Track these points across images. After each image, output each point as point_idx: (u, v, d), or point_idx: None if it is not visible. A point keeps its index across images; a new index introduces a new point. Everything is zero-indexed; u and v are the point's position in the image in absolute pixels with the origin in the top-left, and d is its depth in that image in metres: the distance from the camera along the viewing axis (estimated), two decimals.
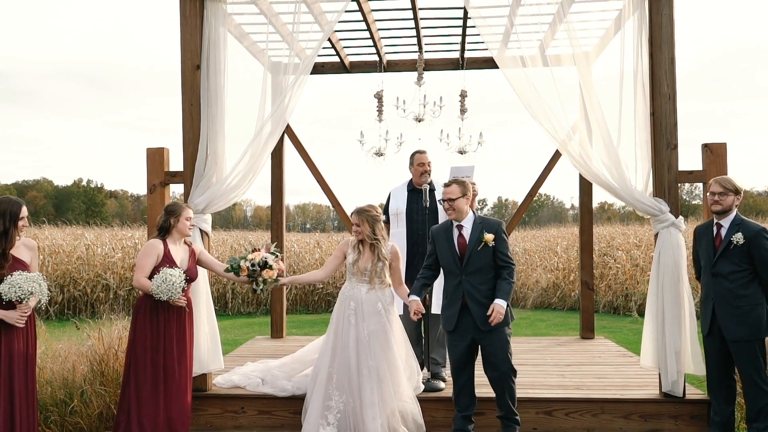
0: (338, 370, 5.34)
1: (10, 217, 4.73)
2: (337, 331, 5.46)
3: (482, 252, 5.11)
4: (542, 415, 5.71)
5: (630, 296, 15.14)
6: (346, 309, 5.45)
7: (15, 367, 4.73)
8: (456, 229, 5.24)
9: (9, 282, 4.64)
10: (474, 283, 5.12)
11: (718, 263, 5.05)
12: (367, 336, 5.35)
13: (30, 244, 4.98)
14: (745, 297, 4.96)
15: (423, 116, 8.41)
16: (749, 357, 4.95)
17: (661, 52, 5.72)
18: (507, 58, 6.03)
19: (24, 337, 4.81)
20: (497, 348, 5.10)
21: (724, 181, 5.09)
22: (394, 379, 5.38)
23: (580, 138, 6.00)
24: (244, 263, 5.37)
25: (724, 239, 5.04)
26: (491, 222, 5.23)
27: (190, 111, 5.96)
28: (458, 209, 5.21)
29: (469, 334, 5.15)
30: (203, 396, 5.92)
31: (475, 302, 5.10)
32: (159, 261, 5.18)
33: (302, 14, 6.17)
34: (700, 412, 5.59)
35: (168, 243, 5.28)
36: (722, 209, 5.08)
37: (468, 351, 5.22)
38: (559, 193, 79.04)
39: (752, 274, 4.99)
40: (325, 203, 73.71)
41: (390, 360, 5.39)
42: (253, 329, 12.68)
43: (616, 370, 6.91)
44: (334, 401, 5.29)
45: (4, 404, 4.68)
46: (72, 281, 15.85)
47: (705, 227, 5.25)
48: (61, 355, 6.29)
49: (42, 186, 69.95)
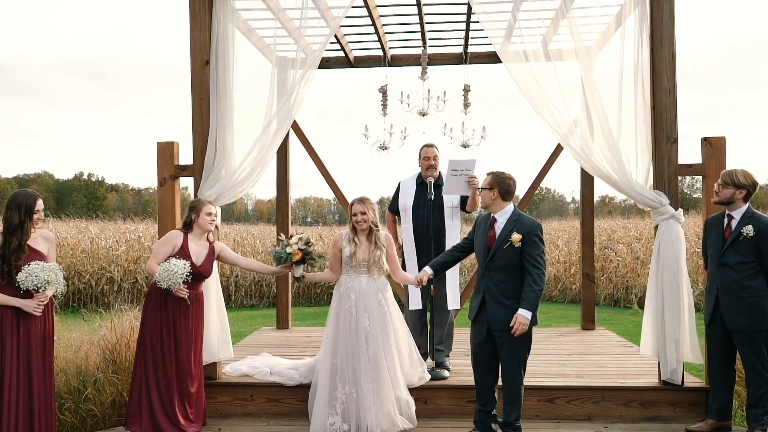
0: (341, 361, 5.42)
1: (26, 209, 4.88)
2: (338, 323, 5.51)
3: (508, 250, 4.94)
4: (544, 402, 5.84)
5: (630, 289, 15.28)
6: (347, 301, 5.50)
7: (33, 354, 4.88)
8: (491, 222, 5.14)
9: (26, 271, 4.77)
10: (495, 280, 4.99)
11: (726, 254, 5.15)
12: (368, 326, 5.43)
13: (48, 236, 5.12)
14: (751, 288, 5.07)
15: (427, 110, 8.53)
16: (752, 346, 5.07)
17: (662, 48, 5.82)
18: (510, 53, 6.13)
19: (42, 325, 4.96)
20: (506, 349, 4.97)
21: (726, 174, 5.21)
22: (393, 369, 5.47)
23: (582, 131, 6.12)
24: (292, 248, 5.47)
25: (734, 230, 5.14)
26: (525, 222, 5.01)
27: (200, 106, 6.07)
28: (482, 199, 5.20)
29: (486, 326, 5.05)
30: (213, 384, 6.05)
31: (493, 299, 4.99)
32: (174, 252, 5.33)
33: (309, 9, 6.28)
34: (698, 400, 5.72)
35: (189, 237, 5.43)
36: (720, 201, 5.21)
37: (488, 346, 5.08)
38: (560, 187, 79.16)
39: (759, 266, 5.09)
40: (325, 197, 73.89)
41: (388, 349, 5.47)
42: (257, 321, 12.83)
43: (616, 360, 7.05)
44: (339, 392, 5.37)
45: (24, 387, 4.83)
46: (77, 274, 15.99)
47: (716, 218, 5.35)
48: (74, 345, 6.43)
49: (43, 180, 70.09)
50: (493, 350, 5.10)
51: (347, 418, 5.33)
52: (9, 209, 4.88)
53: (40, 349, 4.93)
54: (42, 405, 4.92)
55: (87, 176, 71.65)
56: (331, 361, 5.47)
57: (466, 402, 5.70)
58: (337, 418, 5.33)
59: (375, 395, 5.32)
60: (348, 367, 5.39)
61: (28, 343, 4.86)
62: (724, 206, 5.23)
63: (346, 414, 5.35)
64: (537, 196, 67.64)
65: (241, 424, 5.72)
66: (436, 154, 6.53)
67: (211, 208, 5.53)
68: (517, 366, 4.99)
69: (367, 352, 5.39)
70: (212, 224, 5.55)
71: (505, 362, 5.02)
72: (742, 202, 5.17)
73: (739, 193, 5.15)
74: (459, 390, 5.83)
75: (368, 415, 5.28)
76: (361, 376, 5.34)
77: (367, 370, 5.35)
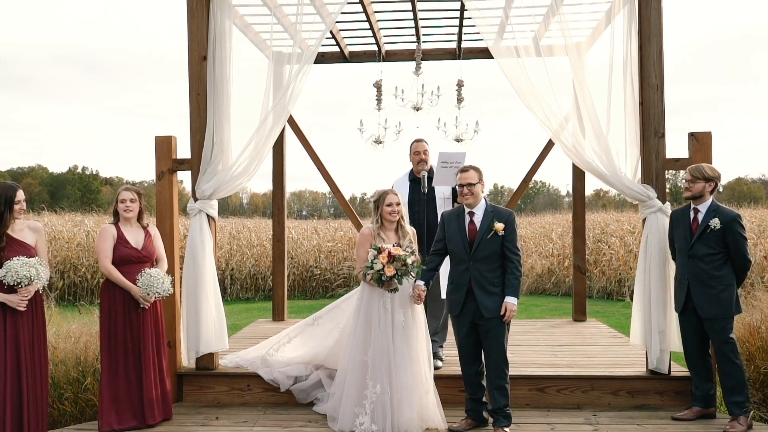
0: (374, 358, 5.22)
1: (5, 200, 4.88)
2: (372, 319, 5.30)
3: (491, 240, 5.13)
4: (535, 391, 5.98)
5: (623, 281, 15.41)
6: (381, 297, 5.28)
7: (22, 348, 4.89)
8: (467, 216, 5.26)
9: (6, 267, 4.80)
10: (481, 270, 5.15)
11: (695, 246, 5.34)
12: (402, 322, 5.29)
13: (35, 226, 5.13)
14: (719, 278, 5.28)
15: (421, 105, 8.62)
16: (722, 334, 5.27)
17: (650, 44, 5.94)
18: (501, 49, 6.23)
19: (30, 317, 4.98)
20: (491, 336, 5.13)
21: (694, 169, 5.40)
22: (425, 365, 5.40)
23: (572, 127, 6.24)
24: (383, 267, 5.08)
25: (701, 223, 5.33)
26: (502, 211, 5.25)
27: (197, 101, 6.16)
28: (476, 194, 5.22)
29: (471, 317, 5.19)
30: (210, 374, 6.18)
31: (481, 289, 5.13)
32: (115, 242, 5.35)
33: (305, 6, 6.37)
34: (685, 388, 5.86)
35: (120, 227, 5.42)
36: (692, 195, 5.39)
37: (472, 337, 5.24)
38: (555, 181, 79.33)
39: (725, 256, 5.31)
40: (321, 190, 73.85)
41: (421, 346, 5.39)
42: (252, 314, 12.93)
43: (606, 350, 7.20)
44: (369, 390, 5.20)
45: (12, 378, 4.84)
46: (72, 267, 16.10)
47: (681, 212, 5.54)
48: (73, 336, 6.54)
49: (37, 173, 69.83)
50: (477, 340, 5.27)
51: (376, 419, 5.16)
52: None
53: (28, 340, 4.94)
54: (32, 397, 4.94)
55: (81, 169, 71.45)
56: (362, 359, 5.29)
57: (458, 391, 5.81)
58: (366, 419, 5.16)
59: (411, 393, 5.22)
60: (382, 364, 5.21)
61: (16, 334, 4.87)
62: (692, 200, 5.41)
63: (375, 414, 5.17)
64: (532, 189, 67.85)
65: (238, 413, 5.83)
66: (426, 148, 6.67)
67: (124, 195, 5.42)
68: (503, 350, 5.18)
69: (402, 349, 5.26)
70: (128, 210, 5.40)
71: (491, 348, 5.17)
72: (709, 195, 5.36)
73: (709, 186, 5.35)
74: (451, 379, 5.94)
75: (403, 414, 5.17)
76: (397, 372, 5.21)
77: (405, 366, 5.24)
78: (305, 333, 6.41)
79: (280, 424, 5.54)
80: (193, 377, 6.20)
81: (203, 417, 5.71)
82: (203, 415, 5.76)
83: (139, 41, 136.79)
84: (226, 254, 17.43)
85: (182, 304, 6.07)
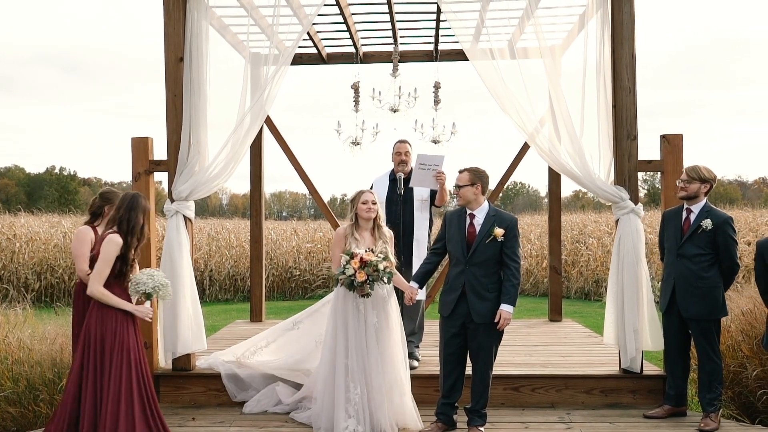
0: (352, 360, 5.23)
1: (145, 211, 4.86)
2: (347, 322, 5.28)
3: (490, 245, 5.07)
4: (510, 390, 6.04)
5: (601, 282, 15.54)
6: (354, 299, 5.25)
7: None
8: (468, 218, 5.21)
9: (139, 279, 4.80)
10: (477, 275, 5.09)
11: (684, 246, 5.39)
12: (375, 324, 5.27)
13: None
14: (706, 279, 5.32)
15: (398, 107, 8.69)
16: (705, 334, 5.34)
17: (623, 48, 6.04)
18: (477, 51, 6.31)
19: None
20: (479, 340, 5.12)
21: (691, 170, 5.44)
22: (401, 367, 5.39)
23: (548, 130, 6.32)
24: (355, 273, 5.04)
25: (692, 224, 5.37)
26: (505, 217, 5.18)
27: (174, 102, 6.16)
28: (463, 197, 5.18)
29: (462, 320, 5.15)
30: (187, 375, 6.18)
31: (475, 293, 5.08)
32: (93, 244, 5.26)
33: (281, 7, 6.39)
34: (656, 387, 5.96)
35: (98, 229, 5.37)
36: (687, 195, 5.42)
37: (459, 339, 5.20)
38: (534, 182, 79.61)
39: (714, 258, 5.35)
40: (301, 191, 73.64)
41: (396, 349, 5.36)
42: (231, 315, 12.90)
43: (580, 350, 7.30)
44: (351, 392, 5.19)
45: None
46: (49, 268, 15.97)
47: (674, 212, 5.58)
48: (49, 338, 6.50)
49: (14, 173, 69.01)
50: (463, 343, 5.24)
51: (360, 420, 5.16)
52: (132, 210, 4.78)
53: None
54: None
55: (59, 170, 70.70)
56: (344, 362, 5.25)
57: (433, 391, 5.84)
58: (351, 421, 5.15)
59: (386, 393, 5.23)
60: (358, 365, 5.22)
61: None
62: (686, 201, 5.46)
63: (359, 415, 5.17)
64: (512, 190, 68.12)
65: (214, 414, 5.83)
66: (408, 150, 6.73)
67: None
68: (490, 355, 5.17)
69: (376, 349, 5.24)
70: None
71: (479, 353, 5.16)
72: (703, 196, 5.41)
73: (704, 187, 5.40)
74: (427, 379, 5.99)
75: (380, 413, 5.18)
76: (371, 374, 5.21)
77: (378, 368, 5.22)
78: (284, 337, 6.36)
79: (256, 424, 5.55)
80: (170, 378, 6.19)
81: (180, 418, 5.71)
82: (180, 416, 5.75)
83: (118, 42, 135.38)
84: (205, 255, 17.36)
85: (159, 305, 6.06)
